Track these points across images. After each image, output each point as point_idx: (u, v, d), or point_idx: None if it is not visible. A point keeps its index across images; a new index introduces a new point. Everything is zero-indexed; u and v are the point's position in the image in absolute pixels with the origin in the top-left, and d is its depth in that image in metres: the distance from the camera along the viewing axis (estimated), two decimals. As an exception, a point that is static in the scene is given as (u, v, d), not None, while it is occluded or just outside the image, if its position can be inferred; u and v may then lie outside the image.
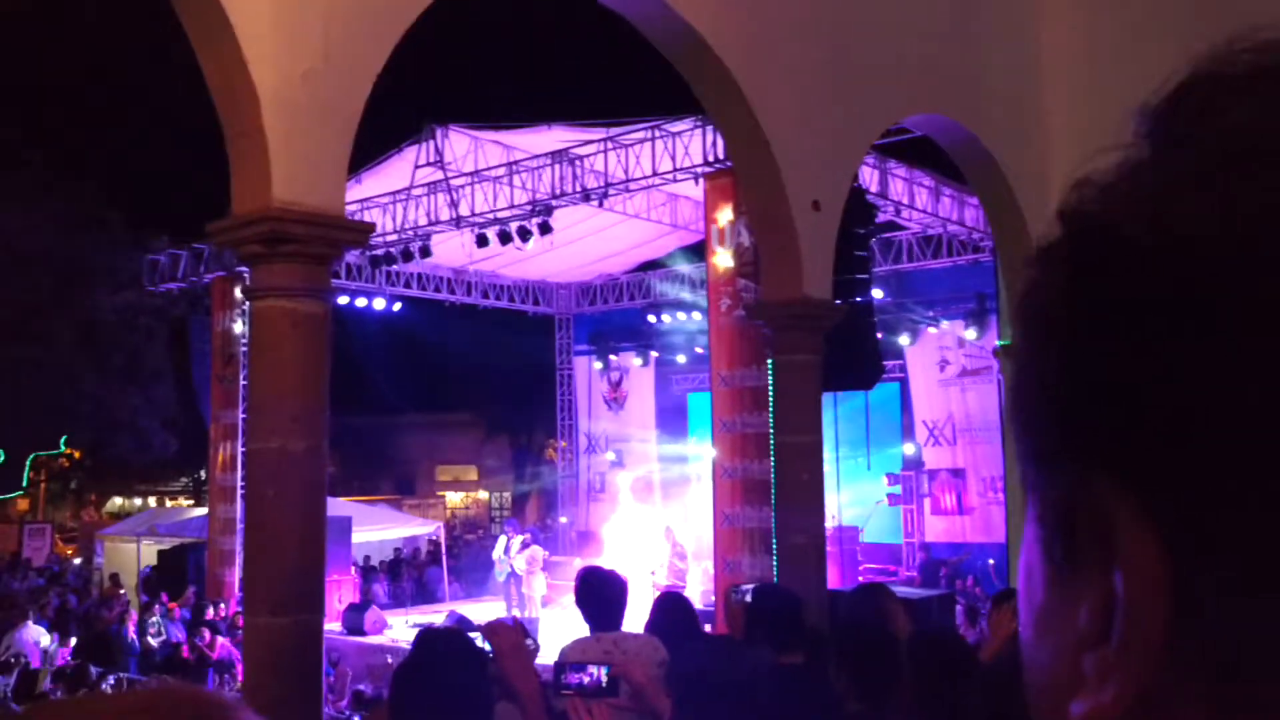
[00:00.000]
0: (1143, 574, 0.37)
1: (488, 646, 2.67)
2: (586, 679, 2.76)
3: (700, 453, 19.91)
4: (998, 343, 10.97)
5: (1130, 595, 0.38)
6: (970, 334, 17.86)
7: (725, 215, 12.32)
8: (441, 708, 2.42)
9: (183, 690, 0.57)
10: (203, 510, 19.61)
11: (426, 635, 2.67)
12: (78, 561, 24.60)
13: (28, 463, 22.82)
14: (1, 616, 14.08)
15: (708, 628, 7.06)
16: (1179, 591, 0.37)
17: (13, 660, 11.84)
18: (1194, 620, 0.36)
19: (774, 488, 7.75)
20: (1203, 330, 0.36)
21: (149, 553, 19.10)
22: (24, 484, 23.65)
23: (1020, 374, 0.43)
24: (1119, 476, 0.38)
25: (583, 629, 4.92)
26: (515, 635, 2.74)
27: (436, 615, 15.45)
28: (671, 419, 22.71)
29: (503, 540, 16.88)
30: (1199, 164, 0.39)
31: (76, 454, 25.91)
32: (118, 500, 36.91)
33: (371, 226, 5.16)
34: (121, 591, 17.94)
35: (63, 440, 22.94)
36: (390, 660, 13.71)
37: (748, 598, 4.52)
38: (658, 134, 13.58)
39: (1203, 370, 0.36)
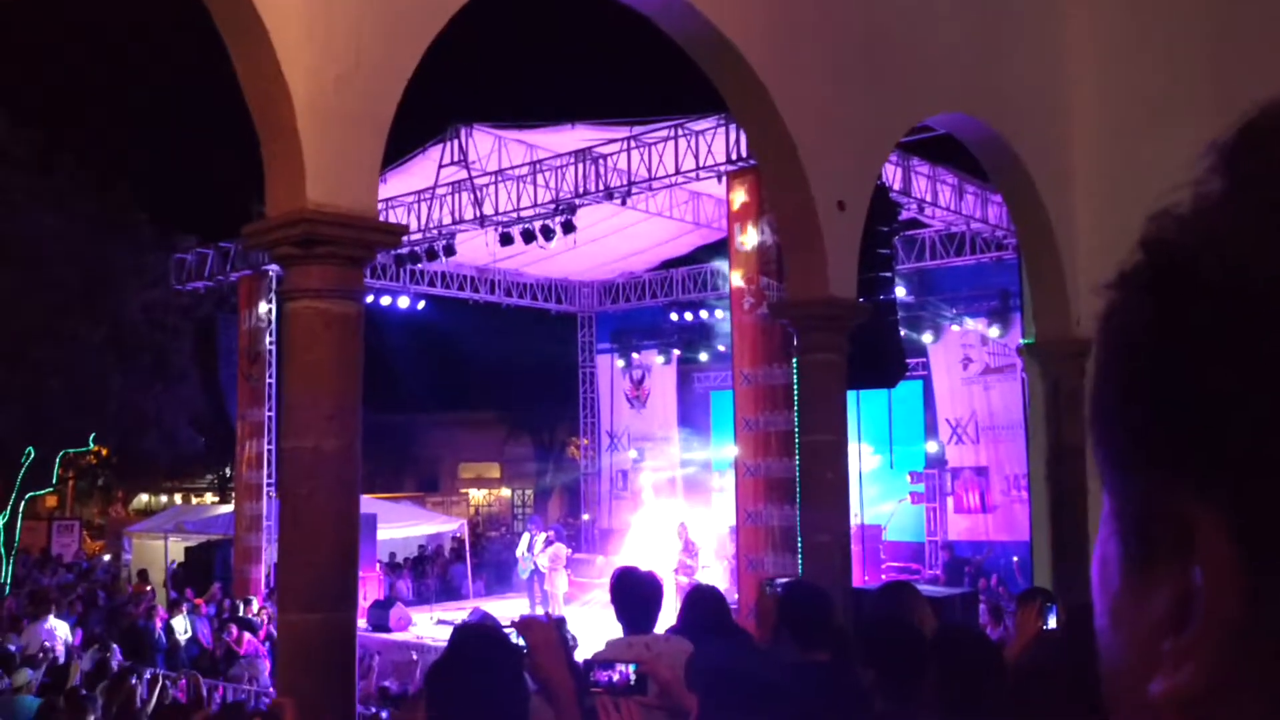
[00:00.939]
0: (1220, 571, 0.42)
1: (522, 642, 2.72)
2: (615, 676, 2.81)
3: (722, 451, 19.95)
4: (1021, 341, 10.94)
5: (1208, 589, 0.42)
6: (993, 332, 17.80)
7: (748, 213, 12.34)
8: (478, 702, 2.47)
9: None
10: (229, 507, 19.80)
11: (462, 630, 2.72)
12: (106, 558, 24.86)
13: (57, 460, 23.05)
14: (32, 611, 14.25)
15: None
16: (1251, 588, 0.41)
17: (40, 654, 11.99)
18: (1265, 614, 0.41)
19: (798, 486, 7.78)
20: (1272, 362, 0.41)
21: (176, 549, 19.30)
22: (54, 481, 23.89)
23: (1101, 386, 0.47)
24: (1198, 483, 0.43)
25: (607, 623, 4.95)
26: (548, 631, 2.79)
27: (460, 612, 15.53)
28: (694, 417, 22.76)
29: (526, 537, 16.97)
30: (1267, 207, 0.43)
31: (104, 451, 26.16)
32: (145, 497, 37.26)
33: (405, 228, 5.23)
34: (149, 588, 18.14)
35: (91, 438, 23.15)
36: (415, 657, 13.82)
37: (780, 590, 4.55)
38: (681, 132, 13.62)
39: (1275, 394, 0.41)
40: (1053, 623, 4.86)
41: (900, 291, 13.10)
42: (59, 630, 13.02)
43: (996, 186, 10.42)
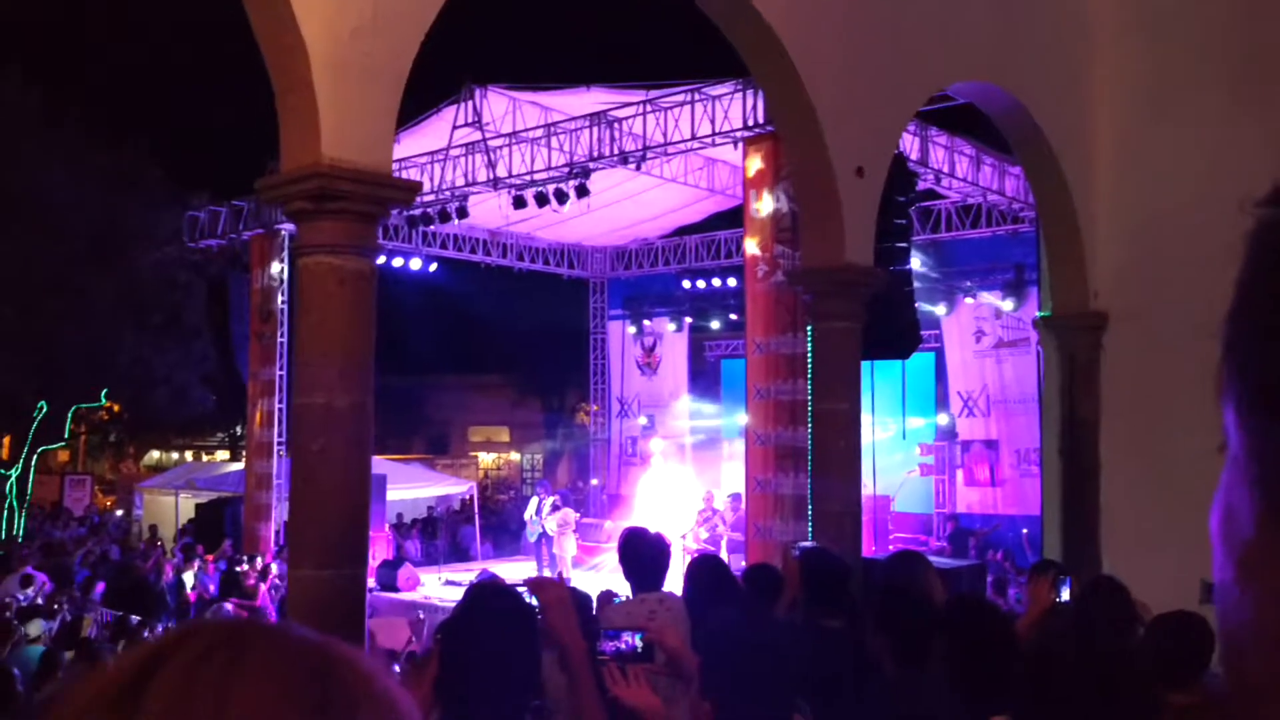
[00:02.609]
0: None
1: (534, 601, 2.70)
2: (622, 646, 2.80)
3: (732, 419, 19.95)
4: (1038, 313, 10.86)
5: None
6: (1007, 305, 17.70)
7: (764, 180, 12.24)
8: (491, 660, 2.45)
9: (211, 623, 0.59)
10: (240, 465, 19.89)
11: (476, 589, 2.70)
12: (118, 513, 25.05)
13: (69, 415, 23.17)
14: (52, 563, 14.41)
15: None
16: None
17: (56, 606, 12.10)
18: None
19: (810, 455, 7.75)
20: None
21: (187, 505, 19.43)
22: (65, 436, 24.04)
23: (1243, 314, 0.43)
24: None
25: (616, 587, 4.97)
26: (561, 591, 2.77)
27: (468, 574, 15.61)
28: (704, 385, 22.75)
29: (534, 501, 17.02)
30: None
31: (116, 408, 26.29)
32: (156, 454, 37.48)
33: (418, 185, 5.18)
34: (159, 543, 18.28)
35: (103, 394, 23.25)
36: (422, 616, 13.91)
37: (799, 555, 4.54)
38: (697, 97, 13.49)
39: None
40: (1065, 595, 4.85)
41: (915, 263, 13.01)
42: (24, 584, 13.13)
43: (1017, 157, 10.30)
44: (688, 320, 22.17)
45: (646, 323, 22.66)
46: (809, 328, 8.61)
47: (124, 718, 0.53)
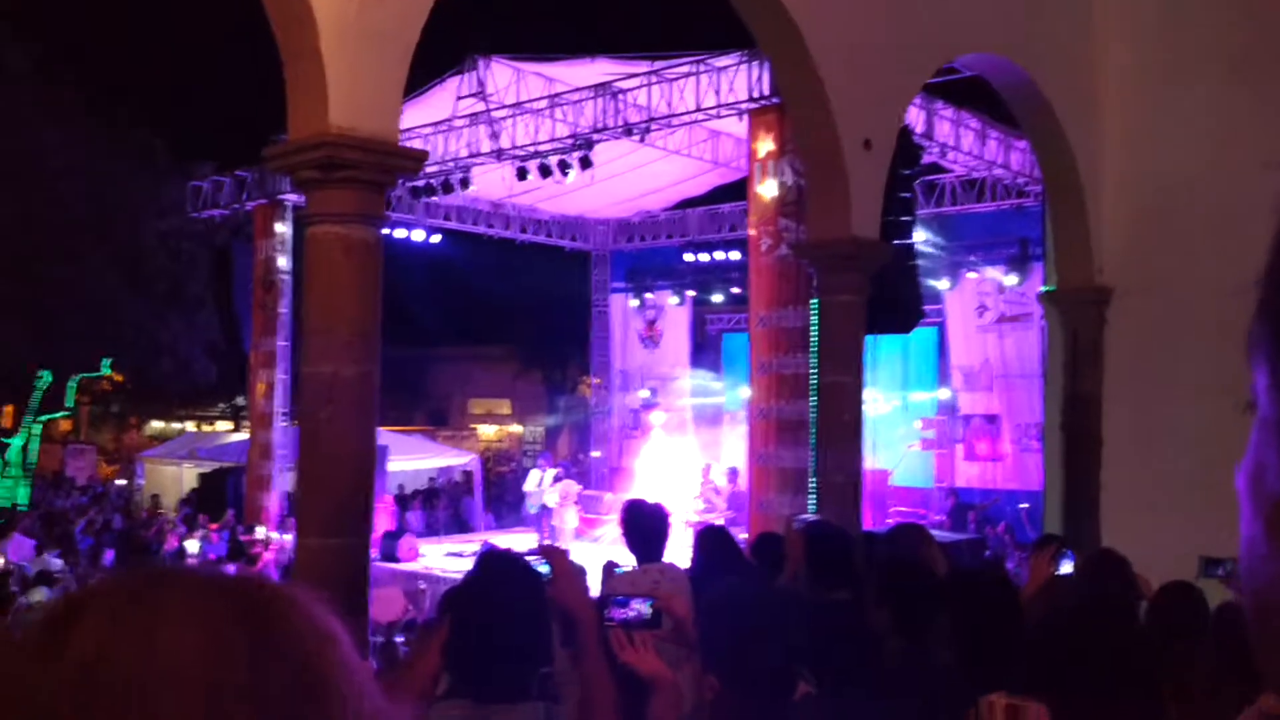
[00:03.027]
0: None
1: (544, 569, 2.72)
2: (631, 613, 2.82)
3: (734, 392, 19.97)
4: (1042, 288, 10.85)
5: None
6: (1011, 280, 17.67)
7: (769, 153, 12.19)
8: (500, 627, 2.47)
9: (255, 583, 0.59)
10: (242, 435, 19.94)
11: (486, 556, 2.72)
12: (120, 482, 25.12)
13: (72, 384, 23.18)
14: (56, 531, 14.48)
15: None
16: None
17: (58, 575, 12.18)
18: None
19: (814, 428, 7.77)
20: None
21: (189, 475, 19.49)
22: (68, 405, 24.06)
23: (1277, 279, 0.43)
24: None
25: (617, 559, 5.00)
26: (567, 558, 2.79)
27: (469, 545, 15.70)
28: (706, 358, 22.76)
29: (535, 473, 17.06)
30: None
31: (119, 378, 26.31)
32: (158, 424, 37.55)
33: (425, 155, 5.17)
34: (162, 512, 18.36)
35: (105, 363, 23.25)
36: (424, 587, 13.99)
37: (803, 528, 4.57)
38: (702, 69, 13.40)
39: None
40: (1066, 568, 4.88)
41: (918, 237, 12.98)
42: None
43: (1024, 130, 10.26)
44: (690, 293, 22.14)
45: (648, 295, 22.63)
46: (813, 301, 8.61)
47: (49, 662, 0.53)
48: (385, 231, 17.43)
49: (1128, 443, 9.51)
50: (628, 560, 4.53)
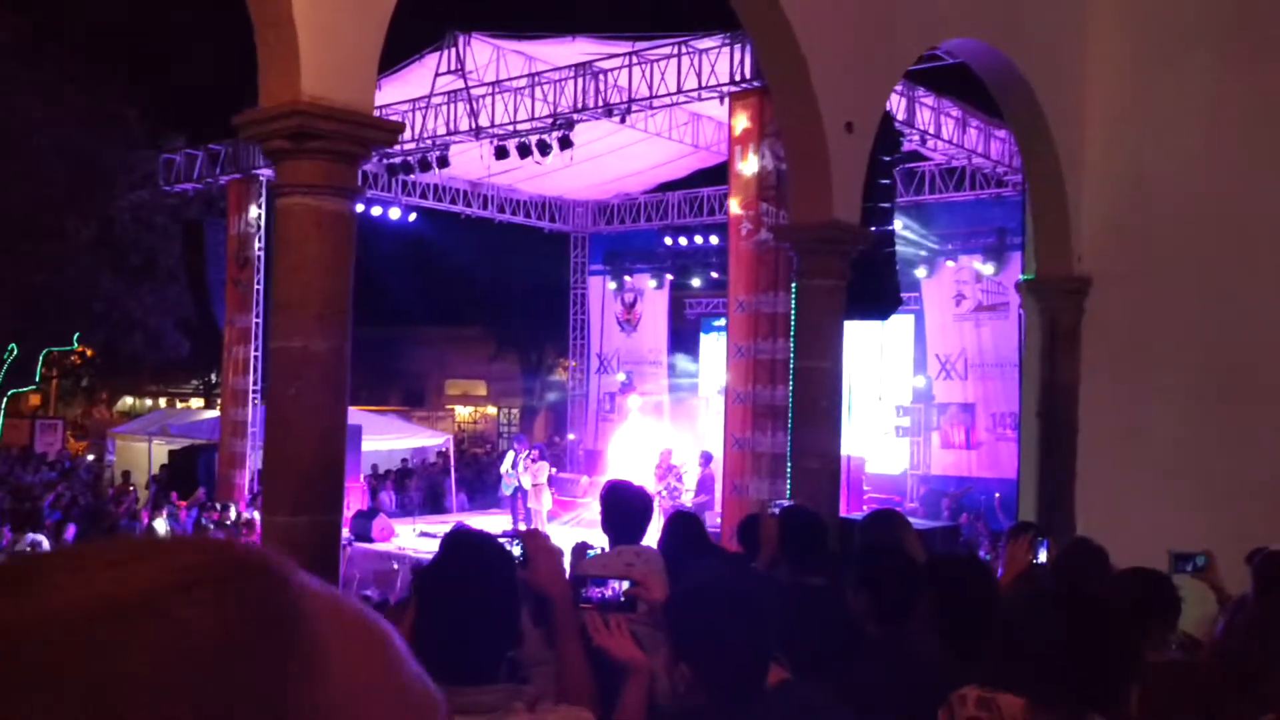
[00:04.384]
0: None
1: (516, 551, 2.65)
2: (607, 594, 2.76)
3: (710, 377, 19.95)
4: (1021, 276, 10.84)
5: None
6: (988, 269, 17.72)
7: (749, 137, 12.11)
8: (469, 608, 2.40)
9: (235, 552, 0.48)
10: (214, 413, 19.74)
11: (454, 536, 2.64)
12: (90, 458, 24.84)
13: (40, 358, 22.87)
14: (24, 506, 14.27)
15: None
16: None
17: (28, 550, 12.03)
18: None
19: (791, 412, 7.73)
20: None
21: (160, 452, 19.28)
22: (36, 379, 23.74)
23: None
24: None
25: (592, 541, 4.93)
26: (547, 540, 2.72)
27: (443, 526, 15.58)
28: (684, 343, 22.72)
29: (511, 455, 16.99)
30: None
31: (89, 352, 25.98)
32: (129, 400, 37.17)
33: (400, 126, 5.05)
34: (131, 488, 18.16)
35: (75, 337, 22.95)
36: (396, 566, 13.91)
37: (773, 509, 4.51)
38: (684, 50, 13.30)
39: None
40: (1043, 557, 4.86)
41: (898, 224, 12.96)
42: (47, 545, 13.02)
43: (1005, 117, 10.21)
44: (669, 277, 22.09)
45: (627, 279, 22.56)
46: (793, 285, 8.56)
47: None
48: (361, 209, 17.28)
49: (1103, 433, 9.53)
50: (599, 542, 4.46)
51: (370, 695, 0.46)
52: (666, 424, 20.16)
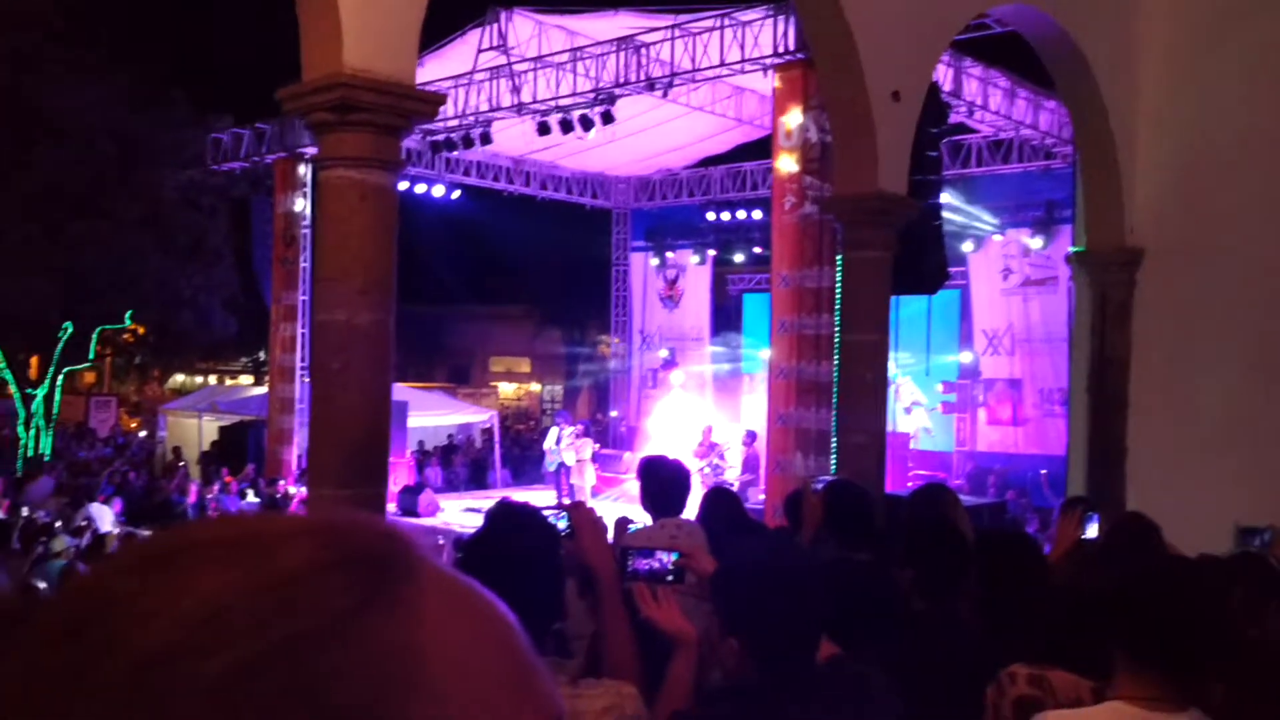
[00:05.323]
0: None
1: (561, 524, 2.63)
2: (655, 565, 2.74)
3: (754, 354, 19.84)
4: (1071, 249, 10.64)
5: None
6: (1036, 243, 17.42)
7: (794, 110, 11.98)
8: (514, 581, 2.39)
9: (358, 523, 0.49)
10: (263, 389, 19.98)
11: (500, 508, 2.63)
12: (142, 434, 25.30)
13: (94, 336, 23.26)
14: (74, 483, 14.56)
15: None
16: None
17: (83, 524, 12.27)
18: None
19: (836, 387, 7.65)
20: None
21: (210, 428, 19.57)
22: (91, 357, 24.15)
23: None
24: None
25: (634, 517, 4.92)
26: (593, 513, 2.71)
27: (487, 501, 15.66)
28: (726, 318, 22.61)
29: (554, 431, 17.04)
30: None
31: (141, 330, 26.38)
32: (180, 377, 37.75)
33: (441, 98, 5.03)
34: (182, 464, 18.46)
35: (128, 315, 23.30)
36: (442, 541, 14.02)
37: (823, 489, 4.47)
38: (727, 22, 13.16)
39: None
40: (1092, 531, 4.77)
41: (945, 198, 12.75)
42: (104, 514, 13.26)
43: (1056, 86, 9.99)
44: (711, 253, 21.96)
45: (669, 255, 22.47)
46: (839, 258, 8.46)
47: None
48: (405, 186, 17.32)
49: (1156, 407, 9.34)
50: (641, 518, 4.45)
51: (478, 669, 0.46)
52: (709, 400, 20.12)
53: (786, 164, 11.97)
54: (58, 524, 12.02)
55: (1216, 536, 5.03)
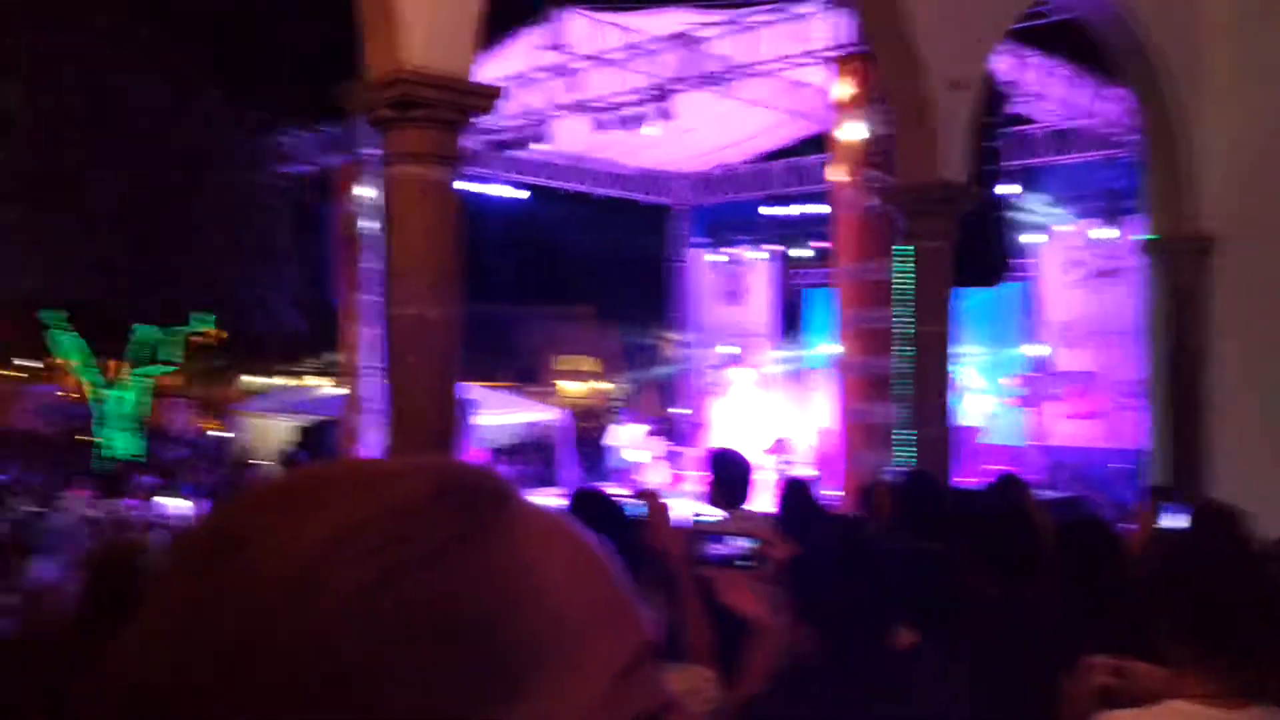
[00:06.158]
0: None
1: (640, 511, 2.65)
2: (728, 551, 2.75)
3: (817, 349, 19.71)
4: (1141, 237, 10.41)
5: None
6: (1106, 233, 17.06)
7: (853, 102, 11.87)
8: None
9: (460, 463, 0.55)
10: (335, 389, 20.31)
11: (578, 494, 2.66)
12: (219, 435, 25.85)
13: (174, 338, 23.82)
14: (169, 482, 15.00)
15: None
16: None
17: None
18: None
19: (901, 380, 7.58)
20: None
21: (283, 428, 19.95)
22: (171, 359, 24.74)
23: None
24: None
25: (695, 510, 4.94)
26: (666, 502, 2.72)
27: (554, 500, 15.79)
28: (789, 313, 22.47)
29: (620, 429, 17.09)
30: None
31: (223, 334, 26.95)
32: (253, 378, 38.49)
33: (498, 91, 5.10)
34: (258, 464, 18.84)
35: (203, 320, 23.83)
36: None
37: (894, 481, 4.45)
38: (783, 16, 13.07)
39: None
40: (1172, 521, 4.68)
41: (1005, 190, 12.56)
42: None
43: (1119, 73, 9.79)
44: (772, 248, 21.85)
45: (730, 251, 22.39)
46: (895, 249, 8.38)
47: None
48: (467, 186, 17.41)
49: (1236, 398, 9.12)
50: (709, 514, 4.48)
51: (583, 588, 0.51)
52: (776, 396, 20.02)
53: (847, 157, 11.87)
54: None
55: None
